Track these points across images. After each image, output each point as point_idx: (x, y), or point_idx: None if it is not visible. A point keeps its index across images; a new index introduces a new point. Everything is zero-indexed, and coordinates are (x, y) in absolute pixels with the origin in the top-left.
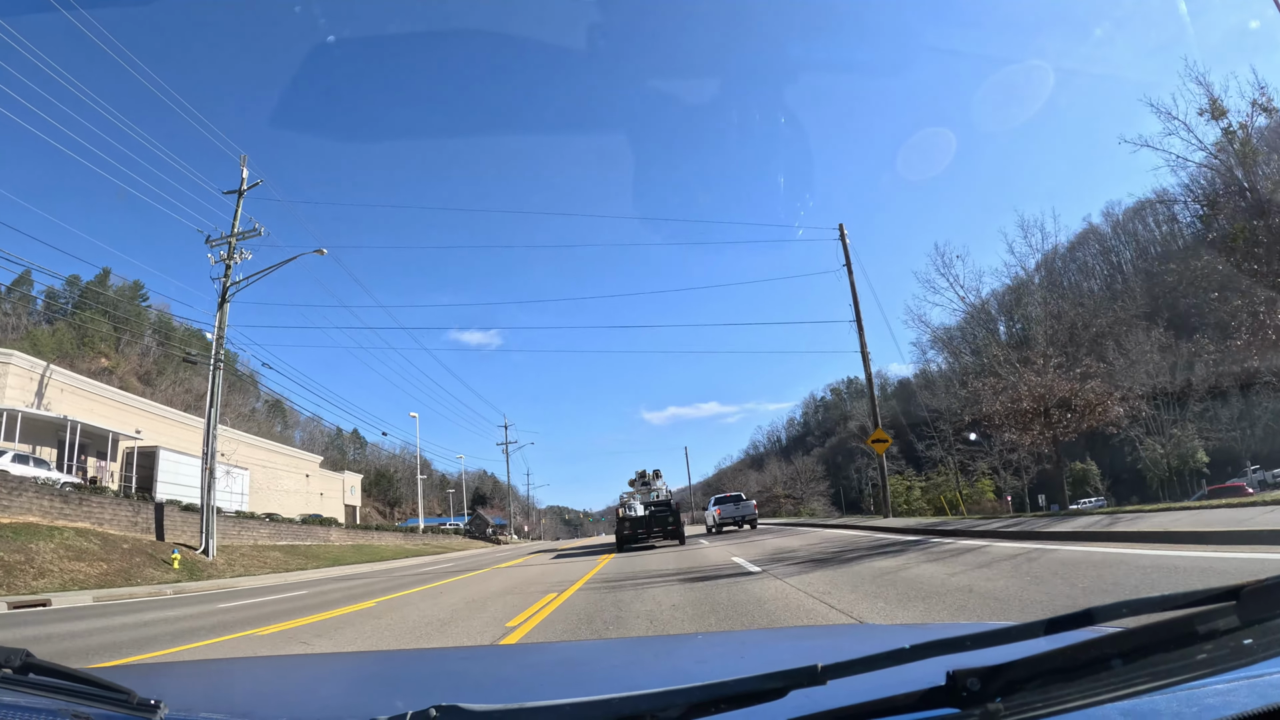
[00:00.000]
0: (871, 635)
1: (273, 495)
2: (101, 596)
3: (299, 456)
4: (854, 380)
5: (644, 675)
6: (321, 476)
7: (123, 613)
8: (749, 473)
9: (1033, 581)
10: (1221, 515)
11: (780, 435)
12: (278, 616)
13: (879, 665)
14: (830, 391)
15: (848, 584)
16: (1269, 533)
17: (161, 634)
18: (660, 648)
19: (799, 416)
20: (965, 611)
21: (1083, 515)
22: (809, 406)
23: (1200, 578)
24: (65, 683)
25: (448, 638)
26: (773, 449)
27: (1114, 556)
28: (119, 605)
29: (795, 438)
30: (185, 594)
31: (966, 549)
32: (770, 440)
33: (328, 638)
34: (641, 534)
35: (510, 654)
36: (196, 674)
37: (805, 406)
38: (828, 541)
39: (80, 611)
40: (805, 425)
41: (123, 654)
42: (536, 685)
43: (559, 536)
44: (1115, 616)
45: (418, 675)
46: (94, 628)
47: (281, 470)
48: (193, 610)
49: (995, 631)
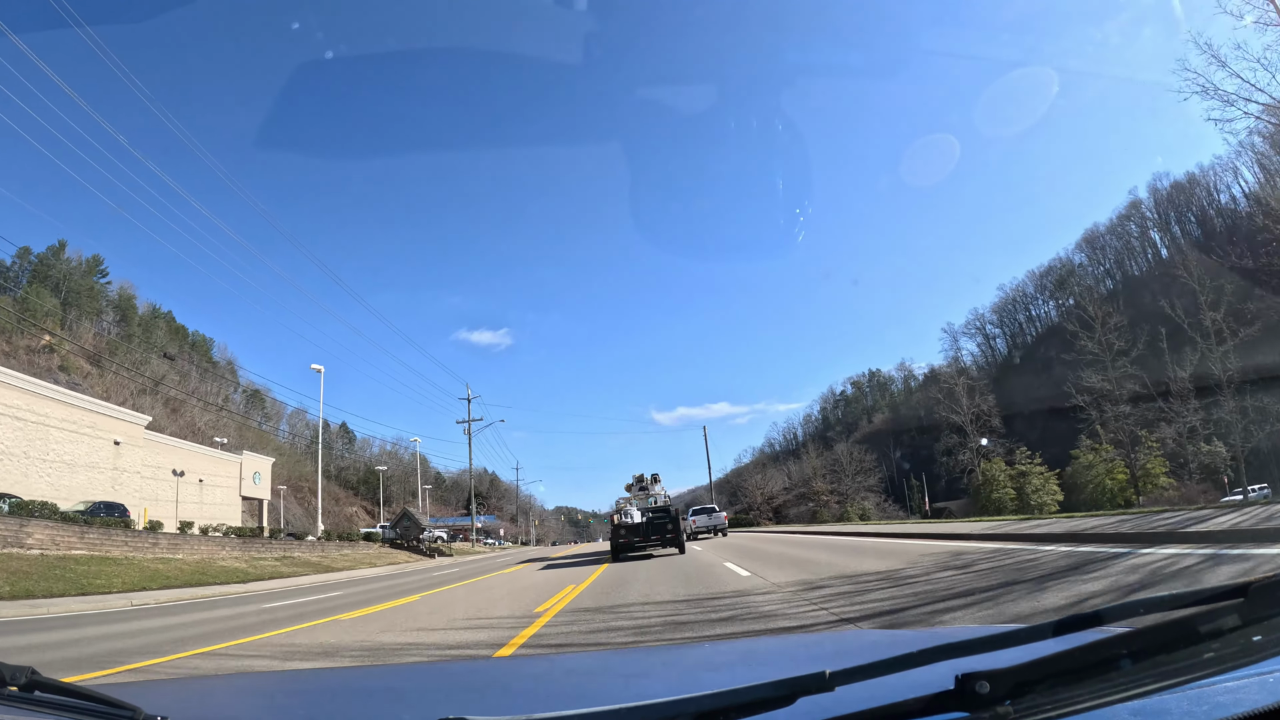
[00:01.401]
0: (879, 641)
1: (39, 468)
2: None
3: (97, 411)
4: (877, 373)
5: (652, 684)
6: (173, 452)
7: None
8: (772, 468)
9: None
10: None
11: (797, 431)
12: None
13: (887, 670)
14: (851, 385)
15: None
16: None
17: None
18: (668, 656)
19: (816, 412)
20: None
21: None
22: (827, 401)
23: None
24: (72, 700)
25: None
26: (788, 446)
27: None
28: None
29: (814, 434)
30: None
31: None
32: (787, 437)
33: None
34: (639, 542)
35: (517, 665)
36: (203, 689)
37: (824, 401)
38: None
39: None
40: (824, 421)
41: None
42: (544, 696)
43: (555, 541)
44: (1124, 616)
45: (424, 688)
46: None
47: (58, 429)
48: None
49: (1004, 634)
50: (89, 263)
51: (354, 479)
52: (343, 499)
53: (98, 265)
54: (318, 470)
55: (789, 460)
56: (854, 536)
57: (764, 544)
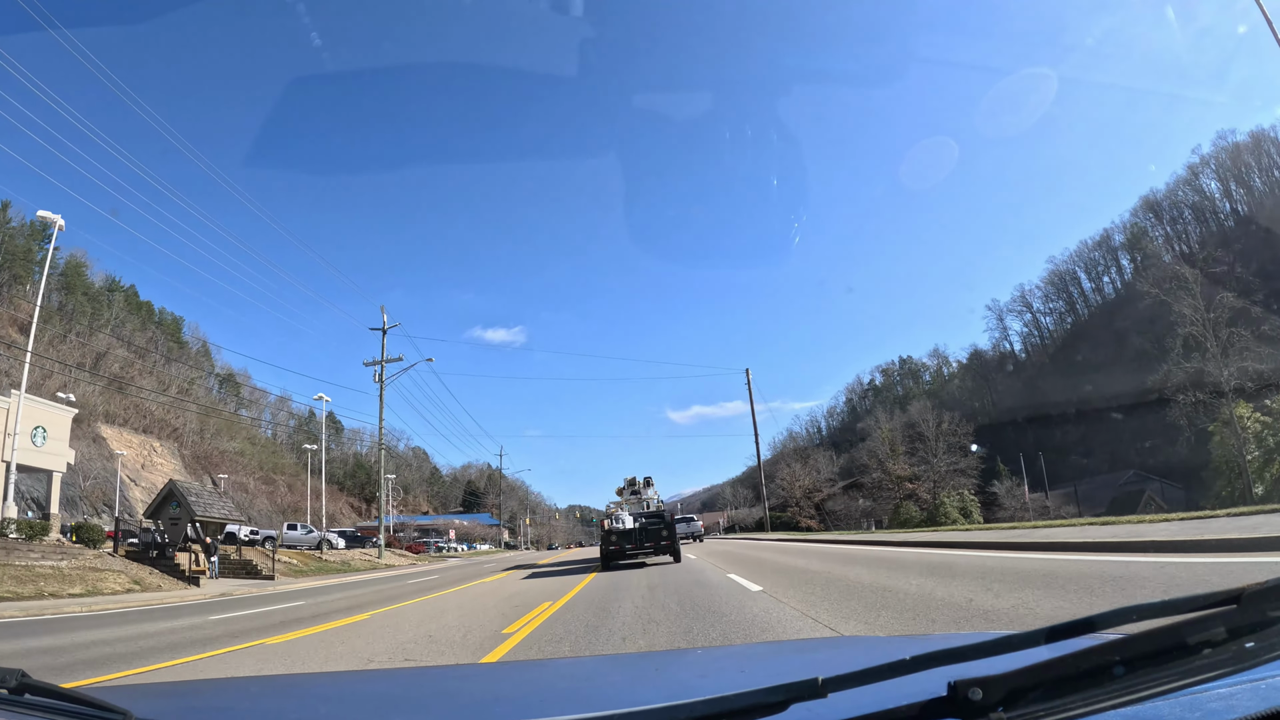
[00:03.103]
0: (873, 647)
1: None
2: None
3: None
4: (908, 359)
5: (645, 690)
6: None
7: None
8: (818, 453)
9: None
10: None
11: (820, 424)
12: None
13: (880, 677)
14: (880, 374)
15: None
16: None
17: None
18: (661, 662)
19: (841, 404)
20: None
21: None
22: (854, 392)
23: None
24: (62, 703)
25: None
26: (811, 441)
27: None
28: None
29: (840, 427)
30: None
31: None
32: (809, 431)
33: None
34: (630, 549)
35: (509, 671)
36: (194, 693)
37: (849, 392)
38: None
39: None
40: (852, 412)
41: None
42: (536, 702)
43: (552, 545)
44: (1117, 623)
45: (417, 695)
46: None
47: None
48: None
49: (997, 641)
50: (33, 226)
51: (340, 473)
52: (326, 494)
53: (45, 229)
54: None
55: (813, 454)
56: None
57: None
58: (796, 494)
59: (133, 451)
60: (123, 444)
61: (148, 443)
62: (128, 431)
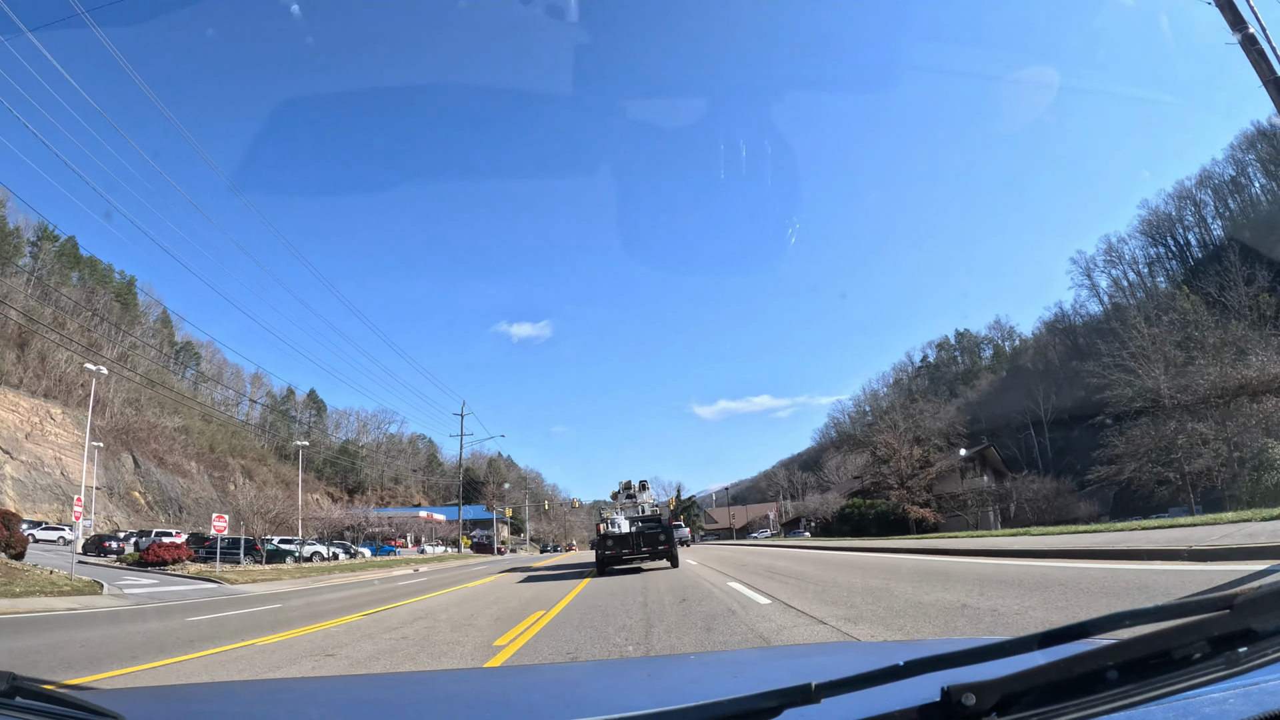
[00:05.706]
0: (867, 653)
1: None
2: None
3: None
4: (965, 334)
5: (637, 696)
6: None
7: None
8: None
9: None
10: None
11: (866, 409)
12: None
13: (873, 683)
14: (935, 349)
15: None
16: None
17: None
18: (654, 668)
19: (885, 389)
20: None
21: None
22: (903, 371)
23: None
24: (54, 706)
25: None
26: (856, 427)
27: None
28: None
29: (889, 409)
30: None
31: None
32: (855, 417)
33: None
34: (626, 554)
35: (502, 676)
36: (188, 698)
37: (898, 372)
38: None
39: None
40: (908, 393)
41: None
42: (529, 708)
43: (557, 546)
44: (1110, 629)
45: (411, 700)
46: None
47: None
48: None
49: (990, 646)
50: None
51: (319, 460)
52: (301, 483)
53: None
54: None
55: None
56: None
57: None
58: (903, 470)
59: (17, 417)
60: (3, 406)
61: (42, 408)
62: (16, 393)
